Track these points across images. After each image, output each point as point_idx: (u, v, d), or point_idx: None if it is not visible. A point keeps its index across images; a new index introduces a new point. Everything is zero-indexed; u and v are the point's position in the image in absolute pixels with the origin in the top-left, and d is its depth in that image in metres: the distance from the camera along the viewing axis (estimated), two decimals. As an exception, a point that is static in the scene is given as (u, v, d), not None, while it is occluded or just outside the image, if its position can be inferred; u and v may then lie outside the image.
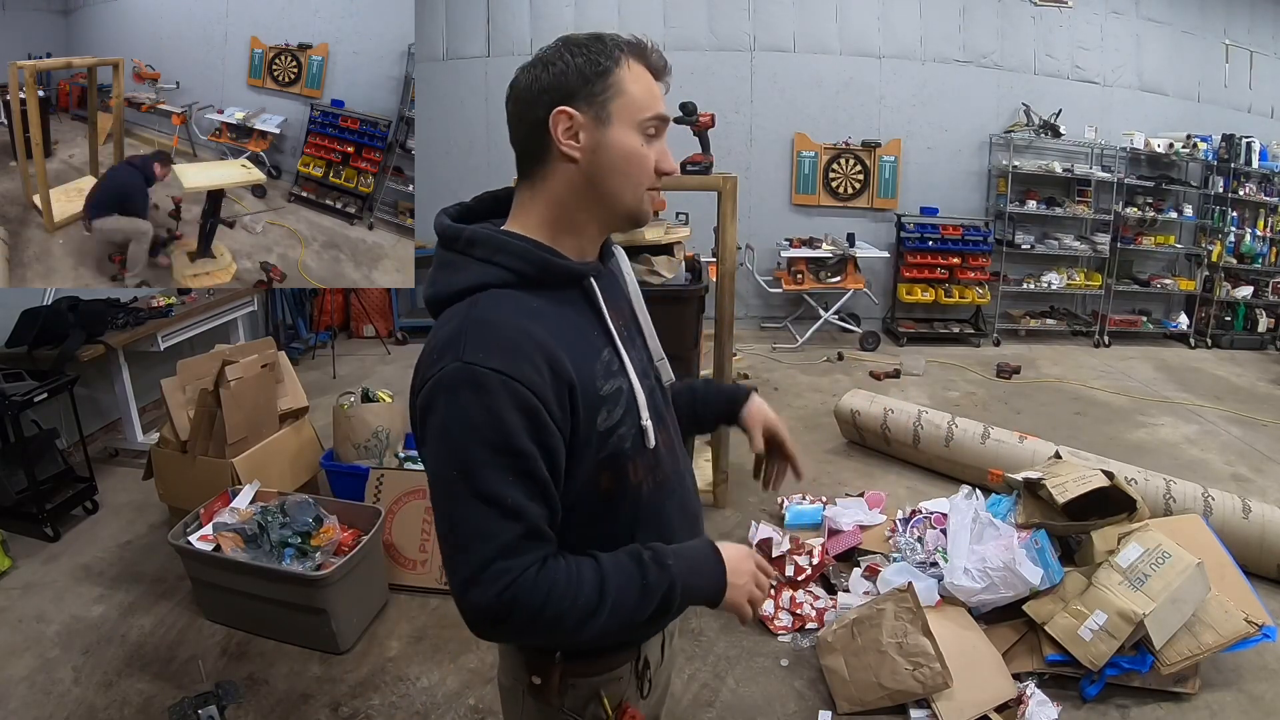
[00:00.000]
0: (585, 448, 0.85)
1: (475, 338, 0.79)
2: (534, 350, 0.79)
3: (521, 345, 0.79)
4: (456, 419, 0.78)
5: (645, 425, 0.90)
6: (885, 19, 5.90)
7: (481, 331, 0.80)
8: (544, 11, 5.86)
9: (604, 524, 0.90)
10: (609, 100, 0.85)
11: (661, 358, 1.03)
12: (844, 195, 6.13)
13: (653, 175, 0.89)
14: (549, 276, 0.87)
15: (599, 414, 0.85)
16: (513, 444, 0.77)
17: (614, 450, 0.88)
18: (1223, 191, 5.92)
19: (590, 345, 0.88)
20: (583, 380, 0.83)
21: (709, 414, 1.20)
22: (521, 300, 0.84)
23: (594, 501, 0.88)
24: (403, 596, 2.58)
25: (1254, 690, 2.15)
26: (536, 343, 0.80)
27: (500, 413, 0.77)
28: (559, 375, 0.80)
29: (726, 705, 2.13)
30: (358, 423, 3.00)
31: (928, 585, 2.30)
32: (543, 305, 0.85)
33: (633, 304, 1.02)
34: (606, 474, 0.88)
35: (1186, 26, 6.06)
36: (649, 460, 0.92)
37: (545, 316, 0.84)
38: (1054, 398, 4.74)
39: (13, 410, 2.79)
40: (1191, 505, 2.77)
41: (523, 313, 0.83)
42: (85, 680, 2.21)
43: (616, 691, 0.99)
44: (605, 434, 0.86)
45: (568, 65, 0.84)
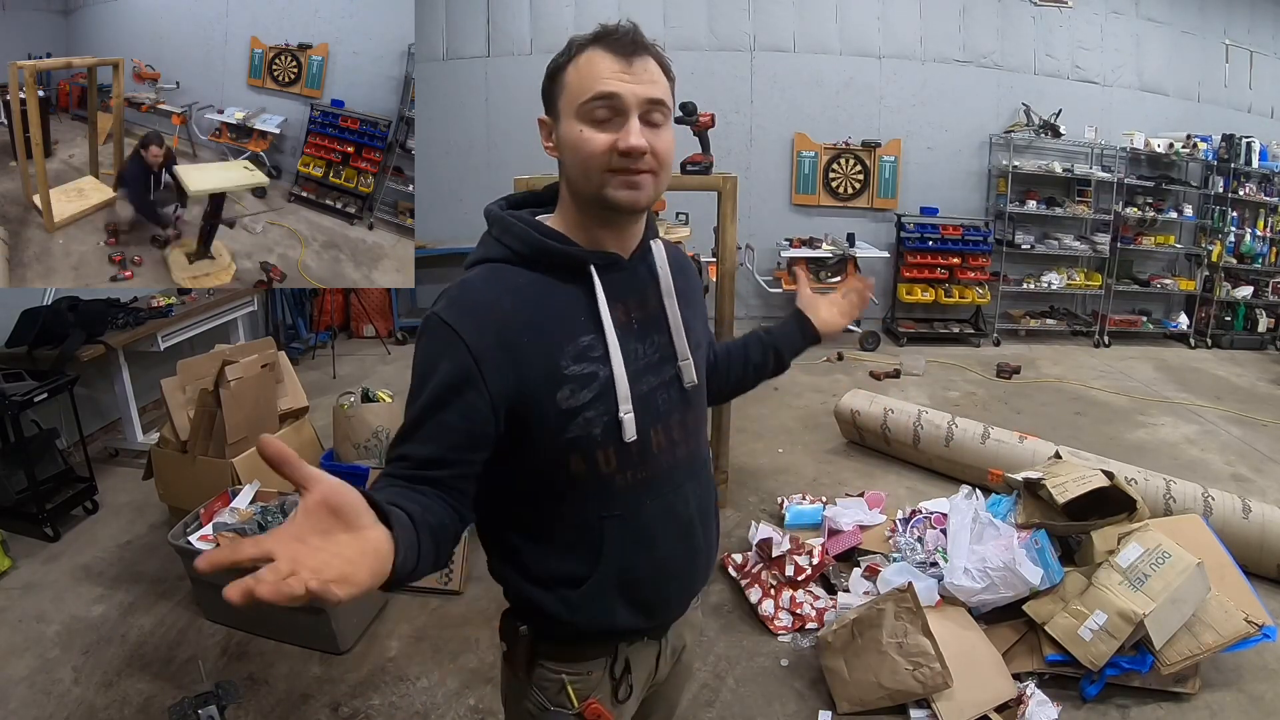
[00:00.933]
0: (547, 421, 0.89)
1: (448, 296, 0.90)
2: (487, 314, 0.87)
3: (477, 307, 0.87)
4: (415, 355, 0.90)
5: (623, 418, 0.91)
6: (885, 19, 5.90)
7: (457, 292, 0.90)
8: (544, 11, 5.86)
9: (570, 504, 0.94)
10: (557, 98, 0.90)
11: (686, 358, 1.00)
12: (844, 195, 6.13)
13: (605, 157, 0.86)
14: (544, 258, 0.91)
15: (559, 390, 0.88)
16: (433, 387, 0.85)
17: (580, 434, 0.90)
18: (1223, 191, 5.92)
19: (569, 327, 0.90)
20: (540, 356, 0.88)
21: (793, 351, 1.27)
22: (508, 276, 0.91)
23: (562, 481, 0.92)
24: (403, 596, 2.58)
25: (1254, 690, 2.15)
26: (495, 312, 0.87)
27: (435, 358, 0.86)
28: (506, 346, 0.86)
29: (726, 705, 2.13)
30: (358, 423, 3.00)
31: (928, 585, 2.30)
32: (531, 283, 0.91)
33: (663, 300, 1.00)
34: (574, 456, 0.91)
35: (1186, 26, 6.06)
36: (626, 454, 0.93)
37: (524, 292, 0.90)
38: (1054, 398, 4.74)
39: (13, 410, 2.79)
40: (1191, 505, 2.77)
41: (500, 286, 0.90)
42: (85, 680, 2.21)
43: (585, 688, 1.00)
44: (567, 414, 0.89)
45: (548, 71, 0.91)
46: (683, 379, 1.00)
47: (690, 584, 1.06)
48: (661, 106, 0.88)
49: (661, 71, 0.89)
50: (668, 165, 0.91)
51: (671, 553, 1.00)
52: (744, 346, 1.25)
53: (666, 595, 1.03)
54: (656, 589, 1.00)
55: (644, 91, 0.86)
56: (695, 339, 1.02)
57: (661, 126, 0.89)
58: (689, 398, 1.01)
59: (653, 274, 0.99)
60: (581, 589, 0.94)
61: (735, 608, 2.55)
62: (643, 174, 0.88)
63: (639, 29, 0.88)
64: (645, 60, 0.87)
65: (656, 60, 0.89)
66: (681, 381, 1.00)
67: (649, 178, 0.88)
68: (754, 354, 1.24)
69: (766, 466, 3.64)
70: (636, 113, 0.86)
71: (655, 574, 0.98)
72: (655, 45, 0.90)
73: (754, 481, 3.45)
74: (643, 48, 0.87)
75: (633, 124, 0.85)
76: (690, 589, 1.07)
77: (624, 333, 0.93)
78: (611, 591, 0.95)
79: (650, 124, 0.87)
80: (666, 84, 0.90)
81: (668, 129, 0.90)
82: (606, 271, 0.93)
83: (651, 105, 0.87)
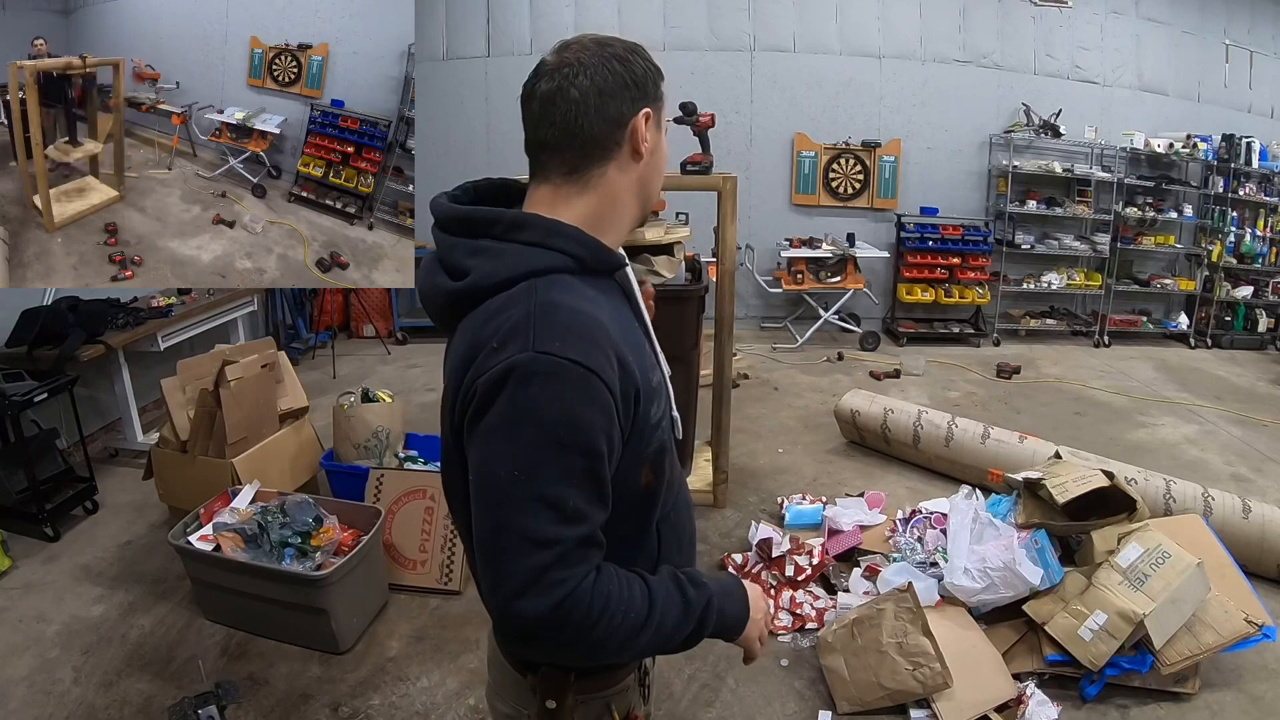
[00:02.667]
0: (636, 443, 0.80)
1: (545, 325, 0.73)
2: (606, 341, 0.75)
3: (595, 335, 0.74)
4: (527, 413, 0.71)
5: (675, 417, 0.92)
6: (885, 19, 5.90)
7: (552, 318, 0.73)
8: (544, 11, 5.86)
9: (635, 521, 0.86)
10: (663, 105, 0.88)
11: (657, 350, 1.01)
12: (844, 195, 6.13)
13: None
14: (601, 263, 0.83)
15: (653, 406, 0.82)
16: (585, 442, 0.72)
17: (660, 443, 0.85)
18: (1223, 191, 5.92)
19: (638, 336, 0.87)
20: (640, 372, 0.80)
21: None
22: (580, 288, 0.79)
23: (634, 498, 0.84)
24: (403, 596, 2.58)
25: (1254, 690, 2.15)
26: (607, 333, 0.76)
27: (575, 407, 0.71)
28: (625, 368, 0.76)
29: (726, 705, 2.13)
30: (358, 423, 3.00)
31: (928, 585, 2.30)
32: (597, 294, 0.81)
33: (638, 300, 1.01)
34: (648, 468, 0.84)
35: (1186, 26, 6.06)
36: (676, 453, 0.93)
37: (602, 306, 0.80)
38: (1054, 398, 4.74)
39: (13, 410, 2.79)
40: (1191, 505, 2.77)
41: (587, 300, 0.78)
42: (85, 680, 2.21)
43: (624, 702, 0.96)
44: (655, 427, 0.83)
45: (646, 66, 0.84)
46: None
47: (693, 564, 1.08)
48: None
49: None
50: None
51: (690, 539, 1.01)
52: None
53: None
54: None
55: None
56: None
57: None
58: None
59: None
60: None
61: (735, 608, 2.55)
62: None
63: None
64: None
65: None
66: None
67: None
68: None
69: (766, 466, 3.64)
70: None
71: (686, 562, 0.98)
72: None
73: (754, 481, 3.45)
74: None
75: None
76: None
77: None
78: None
79: None
80: None
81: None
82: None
83: None
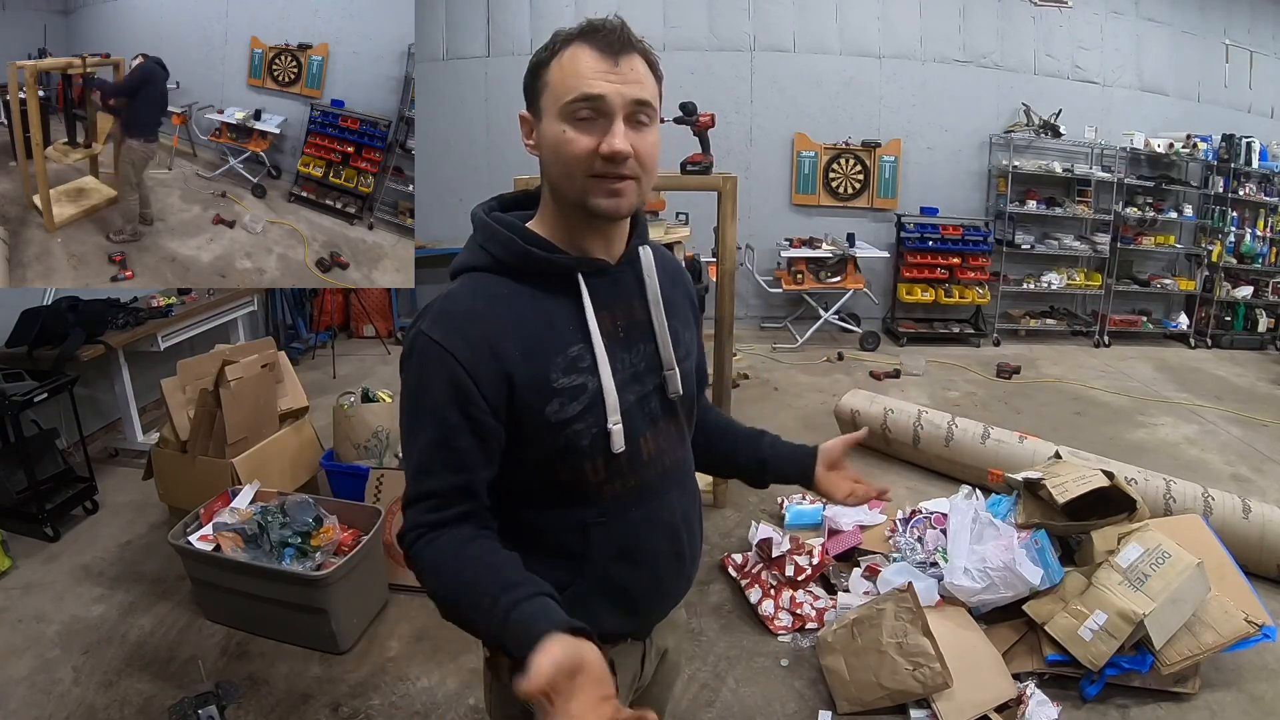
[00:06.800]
0: (535, 435, 0.88)
1: (432, 311, 0.87)
2: (477, 329, 0.85)
3: (465, 322, 0.85)
4: (404, 379, 0.88)
5: (611, 429, 0.89)
6: (885, 19, 5.90)
7: (441, 306, 0.87)
8: (544, 11, 5.86)
9: (556, 512, 0.93)
10: (540, 94, 0.86)
11: (672, 367, 0.98)
12: (844, 195, 6.13)
13: (588, 160, 0.83)
14: (528, 266, 0.89)
15: (548, 404, 0.87)
16: (434, 410, 0.84)
17: (568, 445, 0.89)
18: (1223, 191, 5.92)
19: (557, 337, 0.88)
20: (530, 368, 0.86)
21: (780, 478, 1.17)
22: (492, 285, 0.89)
23: (553, 489, 0.92)
24: (403, 596, 2.58)
25: (1254, 690, 2.15)
26: (481, 324, 0.85)
27: (427, 379, 0.85)
28: (498, 357, 0.85)
29: (726, 705, 2.13)
30: (358, 423, 3.00)
31: (928, 585, 2.30)
32: (516, 292, 0.89)
33: (649, 307, 0.97)
34: (562, 466, 0.90)
35: (1186, 26, 6.06)
36: (615, 464, 0.91)
37: (511, 303, 0.88)
38: (1054, 398, 4.74)
39: (13, 410, 2.79)
40: (1191, 505, 2.77)
41: (485, 296, 0.88)
42: (85, 680, 2.21)
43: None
44: (557, 425, 0.88)
45: (532, 65, 0.87)
46: (667, 389, 0.98)
47: (674, 589, 1.05)
48: (648, 108, 0.84)
49: (649, 70, 0.86)
50: (652, 169, 0.87)
51: (656, 559, 0.99)
52: (734, 441, 1.19)
53: (650, 601, 1.02)
54: (640, 595, 0.99)
55: (630, 93, 0.82)
56: (684, 349, 1.01)
57: (647, 127, 0.85)
58: (675, 407, 1.00)
59: (640, 281, 0.97)
60: (565, 594, 0.90)
61: (735, 608, 2.55)
62: (625, 181, 0.85)
63: (626, 25, 0.84)
64: (632, 59, 0.84)
65: (644, 58, 0.85)
66: (667, 391, 0.98)
67: (632, 185, 0.86)
68: (743, 455, 1.18)
69: (766, 466, 3.63)
70: (621, 115, 0.82)
71: (639, 580, 0.97)
72: (643, 42, 0.86)
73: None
74: (630, 45, 0.84)
75: (617, 127, 0.82)
76: (674, 594, 1.06)
77: (611, 342, 0.91)
78: (595, 597, 0.94)
79: (636, 124, 0.84)
80: (654, 83, 0.86)
81: (653, 130, 0.86)
82: (592, 278, 0.91)
83: (637, 107, 0.83)
